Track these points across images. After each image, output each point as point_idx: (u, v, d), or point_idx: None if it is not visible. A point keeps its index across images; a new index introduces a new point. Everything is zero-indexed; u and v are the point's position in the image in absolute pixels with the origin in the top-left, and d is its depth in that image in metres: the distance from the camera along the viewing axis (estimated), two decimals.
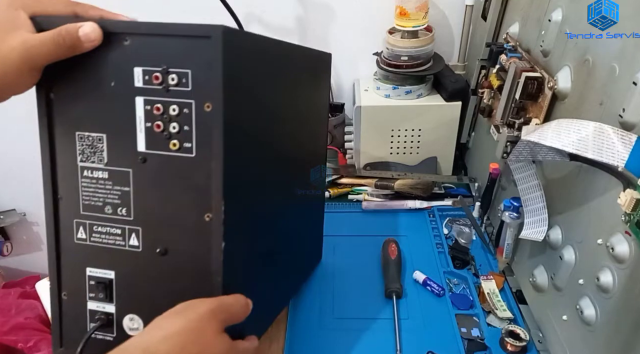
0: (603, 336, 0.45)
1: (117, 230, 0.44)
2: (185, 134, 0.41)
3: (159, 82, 0.40)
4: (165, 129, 0.41)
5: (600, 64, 0.46)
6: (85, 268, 0.46)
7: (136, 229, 0.44)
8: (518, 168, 0.57)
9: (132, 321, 0.46)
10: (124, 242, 0.45)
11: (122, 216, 0.44)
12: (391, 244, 0.72)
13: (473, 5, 0.83)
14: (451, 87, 0.83)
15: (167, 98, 0.40)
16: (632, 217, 0.39)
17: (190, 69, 0.39)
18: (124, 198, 0.44)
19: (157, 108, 0.41)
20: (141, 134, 0.42)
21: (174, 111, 0.40)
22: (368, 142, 0.88)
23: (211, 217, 0.42)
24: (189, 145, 0.41)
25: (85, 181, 0.44)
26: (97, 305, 0.46)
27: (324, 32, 0.94)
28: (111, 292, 0.46)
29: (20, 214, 1.27)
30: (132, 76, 0.41)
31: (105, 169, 0.43)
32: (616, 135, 0.40)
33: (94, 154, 0.43)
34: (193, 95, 0.40)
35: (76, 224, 0.45)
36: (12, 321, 1.18)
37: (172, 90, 0.40)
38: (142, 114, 0.41)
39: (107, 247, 0.45)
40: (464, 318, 0.63)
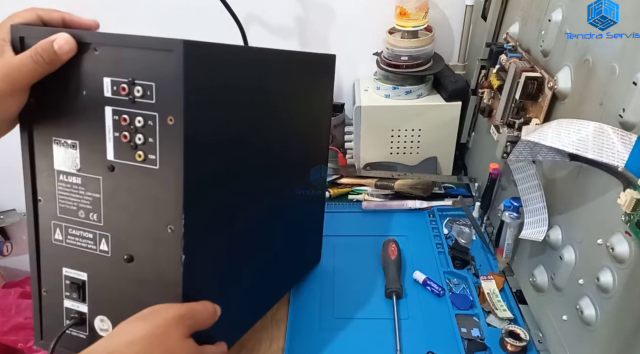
0: (603, 336, 0.45)
1: (89, 234, 0.46)
2: (150, 146, 0.41)
3: (126, 93, 0.41)
4: (132, 140, 0.42)
5: (600, 64, 0.46)
6: (62, 267, 0.48)
7: (106, 235, 0.45)
8: (518, 168, 0.57)
9: (102, 322, 0.48)
10: (95, 246, 0.46)
11: (94, 221, 0.45)
12: (391, 244, 0.72)
13: (473, 5, 0.83)
14: (451, 87, 0.83)
15: (133, 109, 0.41)
16: (632, 217, 0.39)
17: (154, 81, 0.40)
18: (95, 204, 0.45)
19: (124, 119, 0.41)
20: (110, 143, 0.43)
21: (139, 123, 0.41)
22: (368, 142, 0.88)
23: (173, 229, 0.42)
24: (153, 157, 0.41)
25: (61, 185, 0.45)
26: (72, 304, 0.48)
27: (324, 32, 0.94)
28: (84, 292, 0.47)
29: (20, 214, 1.27)
30: (102, 86, 0.41)
31: (79, 175, 0.45)
32: (616, 135, 0.40)
33: (68, 159, 0.45)
34: (157, 108, 0.40)
35: (54, 225, 0.47)
36: (12, 321, 1.17)
37: (137, 101, 0.41)
38: (111, 123, 0.42)
39: (81, 250, 0.46)
40: (464, 318, 0.63)
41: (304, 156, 0.62)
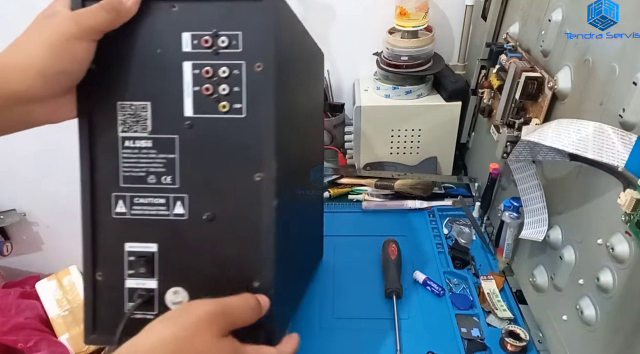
0: (603, 336, 0.45)
1: (161, 199, 0.44)
2: (236, 95, 0.42)
3: (209, 45, 0.41)
4: (215, 92, 0.42)
5: (600, 64, 0.46)
6: (124, 243, 0.45)
7: (182, 197, 0.44)
8: (518, 168, 0.57)
9: (175, 295, 0.45)
10: (168, 211, 0.44)
11: (167, 184, 0.44)
12: (391, 244, 0.72)
13: (473, 5, 0.83)
14: (451, 87, 0.83)
15: (216, 61, 0.41)
16: (632, 217, 0.39)
17: (241, 30, 0.41)
18: (169, 166, 0.43)
19: (206, 71, 0.41)
20: (188, 98, 0.42)
21: (223, 73, 0.41)
22: (368, 142, 0.88)
23: (262, 176, 0.42)
24: (239, 106, 0.42)
25: (126, 152, 0.44)
26: (137, 282, 0.45)
27: (324, 32, 0.94)
28: (152, 266, 0.45)
29: (20, 214, 1.28)
30: (180, 41, 0.41)
31: (149, 138, 0.43)
32: (616, 135, 0.40)
33: (137, 123, 0.43)
34: (243, 56, 0.41)
35: (115, 198, 0.45)
36: (12, 321, 1.18)
37: (221, 52, 0.41)
38: (190, 78, 0.42)
39: (150, 218, 0.44)
40: (464, 318, 0.63)
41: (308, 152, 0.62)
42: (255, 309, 0.41)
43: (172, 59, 0.42)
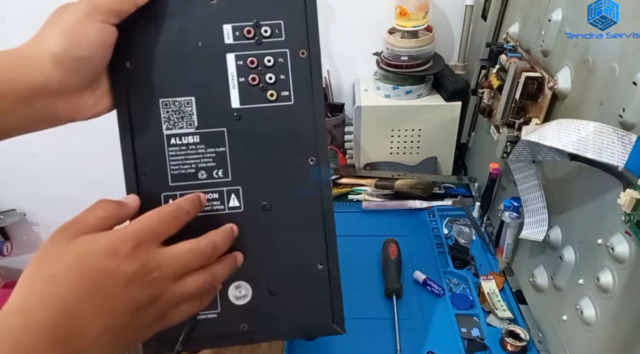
0: (603, 336, 0.45)
1: (215, 194, 0.44)
2: (282, 83, 0.42)
3: (252, 35, 0.42)
4: (261, 81, 0.42)
5: (600, 64, 0.46)
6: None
7: (236, 189, 0.44)
8: (518, 168, 0.57)
9: (238, 289, 0.45)
10: (223, 205, 0.44)
11: (219, 178, 0.44)
12: (391, 244, 0.72)
13: (473, 5, 0.83)
14: (451, 87, 0.83)
15: (260, 51, 0.42)
16: (632, 217, 0.39)
17: (283, 19, 0.42)
18: (220, 159, 0.43)
19: (251, 61, 0.42)
20: (234, 90, 0.42)
21: (268, 62, 0.42)
22: (368, 142, 0.88)
23: (315, 159, 0.43)
24: (287, 93, 0.43)
25: (173, 150, 0.43)
26: None
27: (324, 32, 0.93)
28: None
29: (20, 214, 1.27)
30: (222, 34, 0.42)
31: (197, 133, 0.43)
32: (616, 135, 0.40)
33: (182, 119, 0.43)
34: (287, 44, 0.42)
35: (164, 198, 0.44)
36: None
37: (264, 42, 0.42)
38: (235, 70, 0.42)
39: (204, 215, 0.43)
40: (464, 318, 0.63)
41: None
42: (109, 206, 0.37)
43: (215, 51, 0.42)
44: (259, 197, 0.44)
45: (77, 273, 0.32)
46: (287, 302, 0.45)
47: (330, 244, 0.45)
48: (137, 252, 0.34)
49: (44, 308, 0.31)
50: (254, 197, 0.44)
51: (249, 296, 0.45)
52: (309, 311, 0.46)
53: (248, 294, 0.45)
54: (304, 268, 0.45)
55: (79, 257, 0.33)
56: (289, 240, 0.44)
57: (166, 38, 0.42)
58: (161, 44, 0.42)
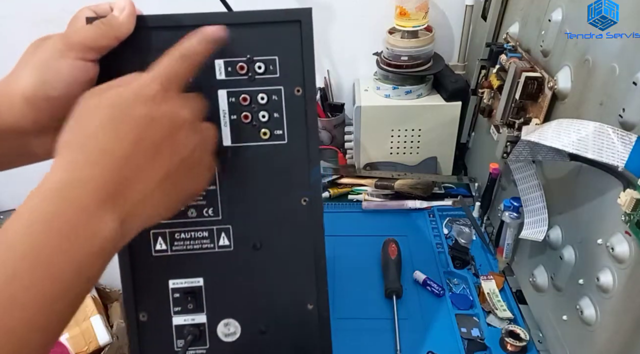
0: (603, 336, 0.45)
1: (204, 232, 0.43)
2: (276, 121, 0.41)
3: (245, 71, 0.40)
4: (254, 119, 0.41)
5: (600, 64, 0.46)
6: (168, 280, 0.44)
7: (226, 228, 0.43)
8: (518, 168, 0.57)
9: (227, 327, 0.44)
10: (213, 244, 0.43)
11: (209, 216, 0.43)
12: (391, 244, 0.72)
13: (473, 5, 0.83)
14: (451, 87, 0.83)
15: (253, 87, 0.40)
16: (632, 217, 0.39)
17: (278, 55, 0.40)
18: (210, 198, 0.42)
19: (243, 98, 0.41)
20: (226, 128, 0.41)
21: (262, 100, 0.41)
22: (368, 142, 0.88)
23: (308, 200, 0.42)
24: (280, 132, 0.41)
25: None
26: (185, 319, 0.44)
27: (324, 32, 0.94)
28: (201, 300, 0.44)
29: None
30: (214, 69, 0.40)
31: None
32: (616, 135, 0.40)
33: None
34: (282, 81, 0.40)
35: (153, 235, 0.43)
36: None
37: (258, 78, 0.40)
38: (227, 106, 0.41)
39: (193, 253, 0.43)
40: (464, 318, 0.63)
41: None
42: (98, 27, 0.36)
43: (206, 87, 0.40)
44: (249, 237, 0.43)
45: (116, 125, 0.31)
46: (276, 341, 0.45)
47: (321, 285, 0.44)
48: (167, 95, 0.33)
49: (91, 164, 0.30)
50: (245, 236, 0.43)
51: (237, 333, 0.44)
52: (298, 352, 0.45)
53: (237, 332, 0.44)
54: (293, 307, 0.44)
55: (114, 108, 0.31)
56: (280, 279, 0.43)
57: None
58: None
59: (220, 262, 0.43)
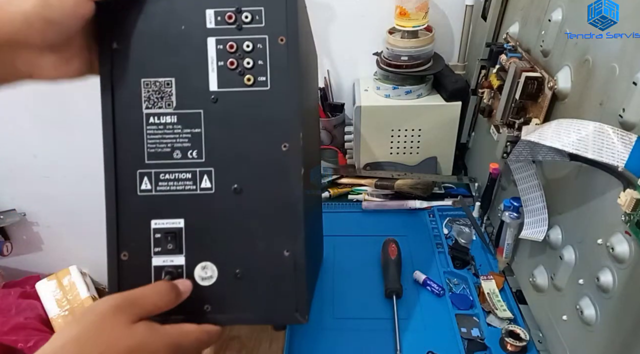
0: (603, 336, 0.45)
1: (188, 174, 0.44)
2: (260, 69, 0.43)
3: (232, 21, 0.42)
4: (239, 66, 0.43)
5: (600, 64, 0.46)
6: (150, 220, 0.45)
7: (208, 171, 0.44)
8: (518, 168, 0.57)
9: (204, 270, 0.45)
10: (195, 186, 0.44)
11: (193, 159, 0.44)
12: (391, 244, 0.72)
13: (473, 5, 0.83)
14: (451, 87, 0.83)
15: (240, 36, 0.43)
16: (632, 217, 0.39)
17: (264, 6, 0.42)
18: (195, 140, 0.44)
19: (230, 46, 0.43)
20: (213, 73, 0.43)
21: (247, 47, 0.43)
22: (368, 142, 0.88)
23: (288, 146, 0.43)
24: (263, 79, 0.43)
25: (151, 128, 0.44)
26: (164, 259, 0.45)
27: (324, 32, 0.94)
28: (180, 242, 0.45)
29: (20, 214, 1.28)
30: (204, 18, 0.43)
31: (174, 113, 0.44)
32: (616, 135, 0.40)
33: (161, 99, 0.44)
34: (267, 30, 0.43)
35: (139, 175, 0.45)
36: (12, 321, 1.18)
37: (245, 27, 0.43)
38: (214, 53, 0.43)
39: (176, 194, 0.44)
40: (464, 318, 0.63)
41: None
42: (167, 295, 0.41)
43: (197, 35, 0.43)
44: (230, 180, 0.44)
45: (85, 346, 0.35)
46: (251, 287, 0.46)
47: (297, 232, 0.45)
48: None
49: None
50: (226, 179, 0.44)
51: (214, 277, 0.45)
52: (272, 298, 0.46)
53: (214, 276, 0.45)
54: (270, 254, 0.45)
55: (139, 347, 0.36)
56: (258, 225, 0.44)
57: (152, 20, 0.43)
58: (147, 26, 0.43)
59: (201, 204, 0.44)
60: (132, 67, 0.44)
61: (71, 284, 1.30)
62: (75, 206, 1.22)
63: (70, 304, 1.27)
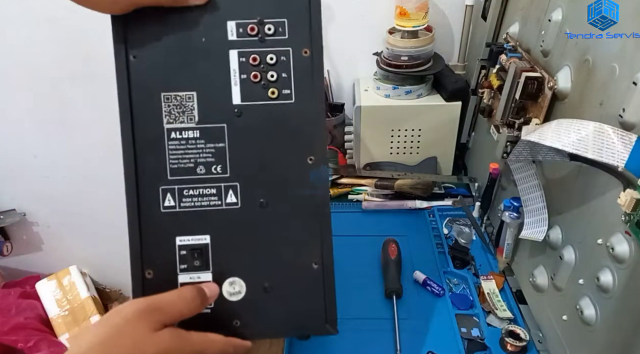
0: (603, 336, 0.45)
1: (212, 189, 0.44)
2: (284, 81, 0.43)
3: (255, 33, 0.42)
4: (263, 79, 0.43)
5: (600, 64, 0.46)
6: (175, 237, 0.44)
7: (234, 185, 0.44)
8: (518, 168, 0.57)
9: (232, 285, 0.45)
10: (220, 201, 0.44)
11: (217, 174, 0.44)
12: (391, 244, 0.72)
13: (473, 5, 0.83)
14: (451, 87, 0.83)
15: (263, 48, 0.42)
16: (632, 217, 0.39)
17: (287, 17, 0.42)
18: (219, 155, 0.44)
19: (253, 58, 0.42)
20: (236, 86, 0.43)
21: (271, 60, 0.42)
22: (368, 142, 0.88)
23: (314, 159, 0.43)
24: (288, 92, 0.43)
25: (173, 144, 0.43)
26: (191, 276, 0.44)
27: (324, 32, 0.93)
28: (207, 258, 0.44)
29: (20, 214, 1.27)
30: (226, 30, 0.42)
31: (197, 128, 0.43)
32: (616, 135, 0.40)
33: (182, 113, 0.43)
34: (290, 42, 0.42)
35: (162, 191, 0.44)
36: (12, 321, 1.18)
37: (268, 39, 0.42)
38: (237, 66, 0.43)
39: (201, 210, 0.44)
40: (464, 318, 0.63)
41: None
42: (193, 301, 0.40)
43: (218, 48, 0.42)
44: (256, 194, 0.44)
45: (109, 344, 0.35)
46: (280, 300, 0.45)
47: (325, 244, 0.45)
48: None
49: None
50: (252, 194, 0.44)
51: (242, 292, 0.45)
52: (302, 311, 0.46)
53: (242, 291, 0.45)
54: (298, 266, 0.45)
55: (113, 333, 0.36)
56: (285, 238, 0.44)
57: (171, 33, 0.42)
58: (166, 38, 0.42)
59: (227, 219, 0.44)
60: (152, 80, 0.43)
61: (71, 284, 1.30)
62: (75, 206, 1.23)
63: (70, 304, 1.27)
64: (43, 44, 0.98)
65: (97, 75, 0.94)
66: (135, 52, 0.42)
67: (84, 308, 1.26)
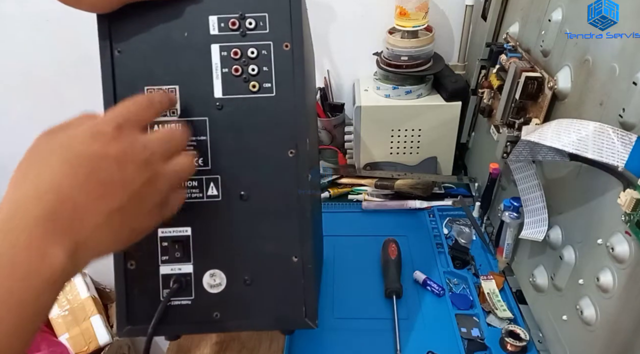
0: (603, 336, 0.45)
1: (194, 182, 0.44)
2: (265, 75, 0.43)
3: (236, 27, 0.42)
4: (244, 72, 0.43)
5: (600, 64, 0.46)
6: (157, 229, 0.45)
7: (215, 178, 0.44)
8: (518, 168, 0.57)
9: (212, 277, 0.45)
10: (202, 194, 0.44)
11: (199, 166, 0.44)
12: (391, 244, 0.72)
13: (473, 5, 0.83)
14: (451, 87, 0.83)
15: (244, 42, 0.43)
16: (632, 217, 0.39)
17: (268, 12, 0.42)
18: (201, 148, 0.44)
19: (234, 53, 0.43)
20: (218, 80, 0.43)
21: (252, 54, 0.43)
22: (368, 142, 0.88)
23: (294, 152, 0.43)
24: (269, 85, 0.43)
25: None
26: (172, 268, 0.45)
27: (324, 32, 0.94)
28: (188, 250, 0.45)
29: None
30: (207, 25, 0.43)
31: (179, 121, 0.44)
32: (616, 135, 0.40)
33: None
34: (271, 36, 0.42)
35: None
36: None
37: (249, 34, 0.43)
38: (219, 60, 0.43)
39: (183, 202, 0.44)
40: (464, 318, 0.63)
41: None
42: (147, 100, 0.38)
43: (200, 42, 0.43)
44: (237, 187, 0.44)
45: (66, 162, 0.32)
46: (260, 293, 0.46)
47: (305, 237, 0.45)
48: (121, 133, 0.34)
49: (38, 202, 0.30)
50: (233, 186, 0.44)
51: (223, 284, 0.45)
52: (282, 304, 0.46)
53: (222, 283, 0.45)
54: (278, 259, 0.45)
55: (64, 147, 0.32)
56: (265, 231, 0.44)
57: (155, 27, 0.43)
58: (149, 32, 0.43)
59: (208, 212, 0.44)
60: (135, 74, 0.43)
61: (71, 284, 1.30)
62: None
63: (70, 304, 1.27)
64: (42, 44, 0.98)
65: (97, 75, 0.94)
66: (119, 46, 0.43)
67: (84, 308, 1.26)
